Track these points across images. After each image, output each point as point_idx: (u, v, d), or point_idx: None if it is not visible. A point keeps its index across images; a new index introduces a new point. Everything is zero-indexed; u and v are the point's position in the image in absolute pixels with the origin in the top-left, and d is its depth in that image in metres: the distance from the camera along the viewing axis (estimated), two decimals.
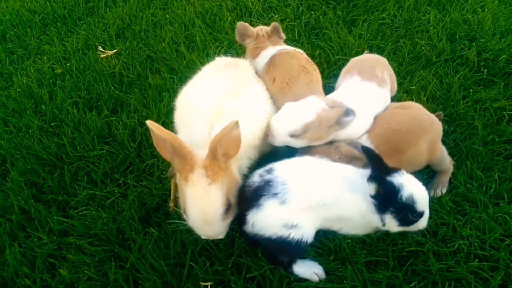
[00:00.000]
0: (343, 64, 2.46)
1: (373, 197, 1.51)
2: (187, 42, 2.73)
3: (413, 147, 1.80)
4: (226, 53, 2.63)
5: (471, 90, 2.28)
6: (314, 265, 1.66)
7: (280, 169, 1.59)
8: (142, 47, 2.73)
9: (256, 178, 1.58)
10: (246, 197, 1.57)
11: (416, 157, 1.83)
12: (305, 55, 2.14)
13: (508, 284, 1.61)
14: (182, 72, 2.50)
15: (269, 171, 1.58)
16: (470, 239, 1.73)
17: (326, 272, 1.66)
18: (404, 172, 1.53)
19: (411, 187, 1.48)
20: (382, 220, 1.52)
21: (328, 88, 2.39)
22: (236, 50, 2.59)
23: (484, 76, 2.37)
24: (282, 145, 1.82)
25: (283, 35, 2.23)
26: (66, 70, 2.64)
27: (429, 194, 1.88)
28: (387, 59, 2.47)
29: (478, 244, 1.71)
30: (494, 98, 2.26)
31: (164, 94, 2.37)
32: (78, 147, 2.12)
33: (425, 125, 1.84)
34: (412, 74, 2.41)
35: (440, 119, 2.00)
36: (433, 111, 2.19)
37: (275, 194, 1.51)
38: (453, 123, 2.17)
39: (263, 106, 1.91)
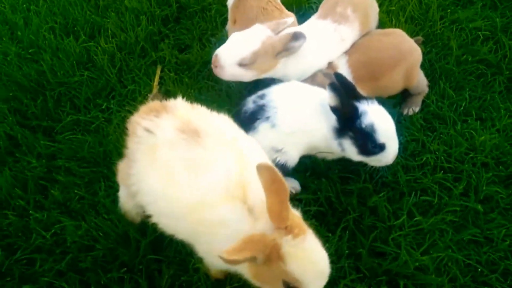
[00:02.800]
0: None
1: (334, 111, 1.56)
2: None
3: (389, 75, 1.86)
4: None
5: (449, 11, 2.30)
6: (291, 180, 1.77)
7: (272, 94, 1.64)
8: None
9: (250, 104, 1.64)
10: (243, 121, 1.60)
11: (391, 83, 1.90)
12: None
13: (469, 192, 1.76)
14: None
15: (262, 97, 1.64)
16: (437, 153, 1.85)
17: (303, 186, 1.78)
18: (375, 102, 1.58)
19: (374, 117, 1.54)
20: (340, 146, 1.60)
21: (309, 8, 2.38)
22: None
23: None
24: (230, 79, 1.79)
25: None
26: None
27: (402, 112, 2.00)
28: None
29: (445, 157, 1.85)
30: (471, 19, 2.29)
31: (141, 17, 2.33)
32: (58, 73, 2.11)
33: (404, 53, 1.87)
34: None
35: (419, 44, 2.04)
36: (411, 32, 2.22)
37: (268, 117, 1.59)
38: (429, 43, 2.21)
39: None
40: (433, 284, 1.53)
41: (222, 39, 2.23)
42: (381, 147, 1.60)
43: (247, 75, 1.77)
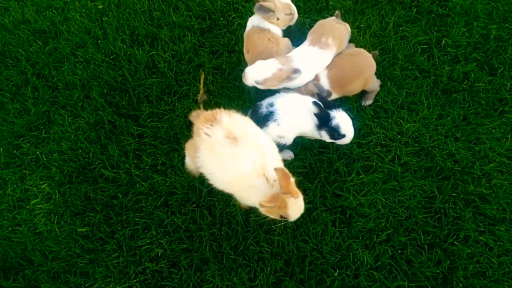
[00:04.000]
0: None
1: (316, 116, 2.67)
2: None
3: (353, 83, 2.91)
4: None
5: (401, 28, 3.28)
6: (288, 151, 2.93)
7: (277, 103, 2.72)
8: None
9: (264, 109, 2.72)
10: (259, 119, 2.71)
11: (355, 88, 2.96)
12: (271, 33, 2.91)
13: (394, 160, 2.92)
14: (197, 10, 3.38)
15: (271, 105, 2.72)
16: (378, 135, 2.98)
17: (295, 155, 2.94)
18: (340, 109, 2.69)
19: (339, 119, 2.65)
20: (320, 134, 2.74)
21: (303, 24, 3.34)
22: None
23: (413, 15, 3.33)
24: (251, 85, 2.81)
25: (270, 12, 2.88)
26: (107, 7, 3.47)
27: (360, 104, 3.10)
28: None
29: (383, 138, 2.98)
30: (416, 34, 3.27)
31: (185, 31, 3.30)
32: (135, 77, 3.16)
33: (363, 68, 2.90)
34: (363, 13, 3.35)
35: (376, 57, 3.06)
36: (373, 44, 3.23)
37: (275, 119, 2.69)
38: (384, 54, 3.22)
39: None
40: (366, 213, 2.76)
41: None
42: (343, 136, 2.74)
43: (260, 87, 2.81)
